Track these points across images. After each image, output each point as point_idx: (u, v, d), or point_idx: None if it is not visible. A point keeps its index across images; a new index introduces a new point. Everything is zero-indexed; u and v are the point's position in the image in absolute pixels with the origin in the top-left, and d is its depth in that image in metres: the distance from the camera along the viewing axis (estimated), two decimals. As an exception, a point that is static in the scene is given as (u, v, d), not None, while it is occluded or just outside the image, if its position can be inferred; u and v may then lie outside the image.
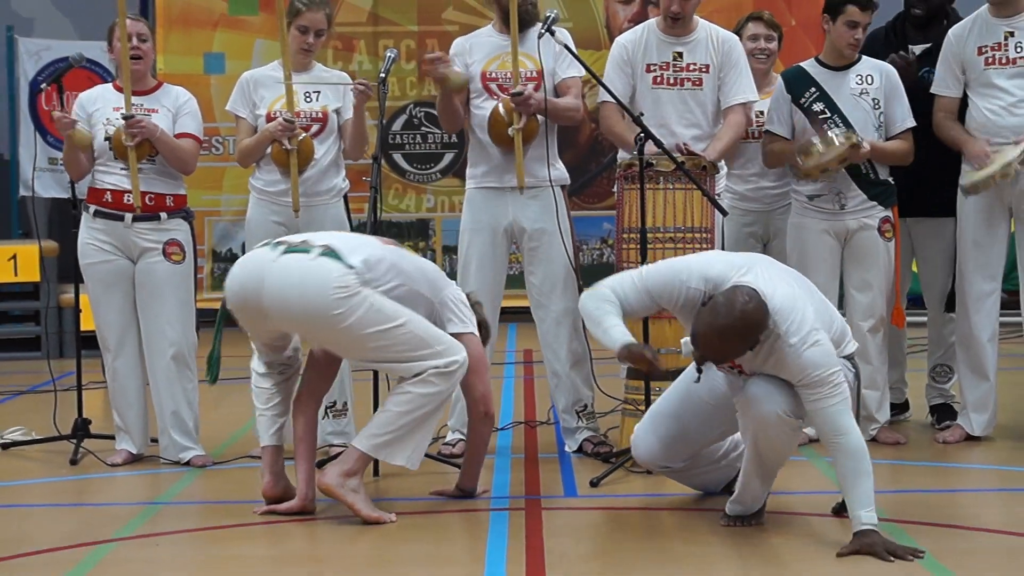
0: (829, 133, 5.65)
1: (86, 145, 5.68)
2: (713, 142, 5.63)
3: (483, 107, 5.76)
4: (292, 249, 4.63)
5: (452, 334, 4.71)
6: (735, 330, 4.00)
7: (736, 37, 5.87)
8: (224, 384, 7.32)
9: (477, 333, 4.88)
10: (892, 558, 3.94)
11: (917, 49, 6.20)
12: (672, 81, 5.70)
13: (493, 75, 5.78)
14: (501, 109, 5.66)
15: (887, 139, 5.84)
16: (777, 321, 4.05)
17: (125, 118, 5.59)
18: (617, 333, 4.30)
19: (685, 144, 5.49)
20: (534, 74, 5.69)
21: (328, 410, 5.80)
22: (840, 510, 4.35)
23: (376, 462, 5.24)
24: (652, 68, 5.70)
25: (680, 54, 5.70)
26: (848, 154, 5.61)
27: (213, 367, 4.96)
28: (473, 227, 5.83)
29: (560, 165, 5.84)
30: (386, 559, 4.33)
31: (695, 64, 5.70)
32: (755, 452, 4.33)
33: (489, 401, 4.95)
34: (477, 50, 5.86)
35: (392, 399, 4.63)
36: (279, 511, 4.73)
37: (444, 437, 5.81)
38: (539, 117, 5.65)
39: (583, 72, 5.76)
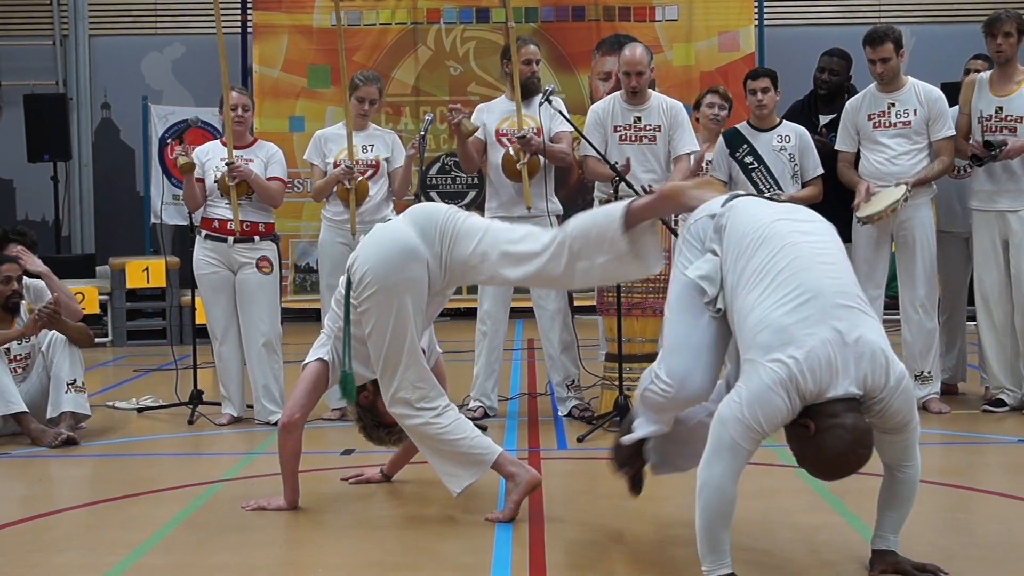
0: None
1: (190, 170, 5.68)
2: (666, 182, 5.61)
3: (497, 154, 5.79)
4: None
5: None
6: (863, 463, 2.97)
7: (680, 104, 5.87)
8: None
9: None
10: (920, 575, 3.17)
11: (825, 119, 6.23)
12: (633, 138, 5.70)
13: (504, 131, 5.81)
14: (511, 151, 5.70)
15: (802, 184, 5.87)
16: (868, 398, 2.97)
17: (227, 164, 5.65)
18: (721, 563, 3.00)
19: (648, 186, 5.51)
20: (534, 129, 5.71)
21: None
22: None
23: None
24: (618, 129, 5.71)
25: (639, 118, 5.71)
26: None
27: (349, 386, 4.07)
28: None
29: (555, 199, 5.85)
30: (424, 483, 4.35)
31: (650, 125, 5.70)
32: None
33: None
34: (493, 113, 5.90)
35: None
36: (268, 508, 4.14)
37: (467, 405, 5.80)
38: (539, 157, 5.68)
39: (571, 127, 5.79)
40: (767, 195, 5.67)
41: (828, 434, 2.88)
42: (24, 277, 5.65)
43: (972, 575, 3.25)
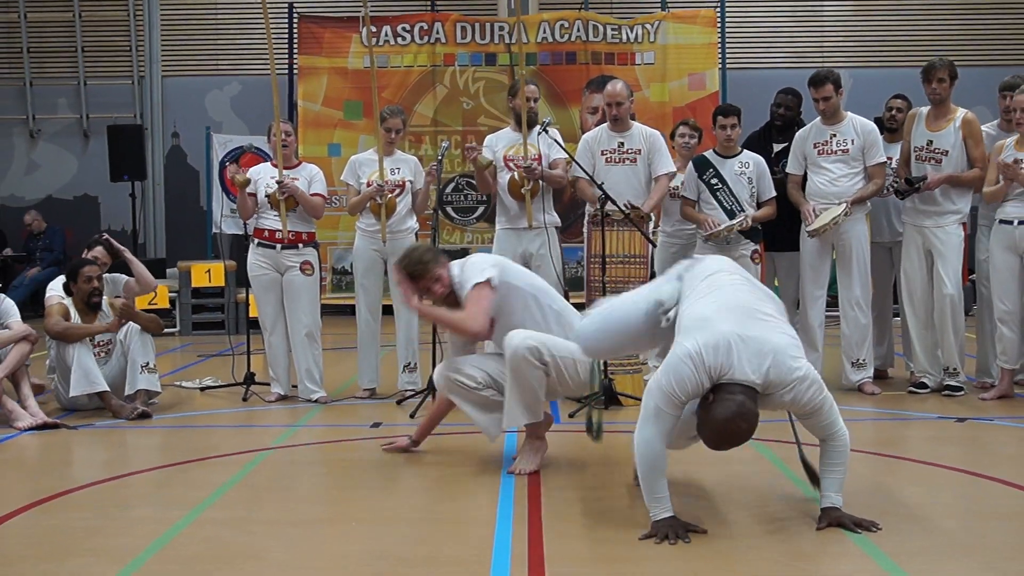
0: (732, 221, 5.70)
1: (245, 185, 5.70)
2: (647, 200, 5.61)
3: (505, 177, 5.75)
4: None
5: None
6: (742, 437, 3.07)
7: (659, 132, 5.85)
8: (340, 351, 7.37)
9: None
10: (858, 528, 3.18)
11: (779, 147, 6.23)
12: (617, 160, 5.68)
13: (510, 157, 5.79)
14: (516, 177, 5.68)
15: (758, 204, 5.87)
16: (773, 389, 3.07)
17: (277, 183, 5.65)
18: (662, 507, 3.18)
19: (629, 202, 5.50)
20: (535, 156, 5.70)
21: (405, 367, 5.83)
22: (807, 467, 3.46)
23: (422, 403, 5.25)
24: (605, 153, 5.69)
25: (622, 143, 5.68)
26: (739, 227, 5.67)
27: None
28: (500, 254, 5.79)
29: (554, 213, 5.81)
30: (442, 451, 4.34)
31: (632, 149, 5.68)
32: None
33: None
34: (500, 141, 5.87)
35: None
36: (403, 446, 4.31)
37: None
38: (540, 182, 5.67)
39: (566, 154, 5.79)
40: (738, 219, 5.69)
41: (719, 404, 3.02)
42: (104, 275, 5.70)
43: (899, 527, 3.25)
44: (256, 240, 5.78)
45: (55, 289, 5.62)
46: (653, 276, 5.86)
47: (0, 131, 12.10)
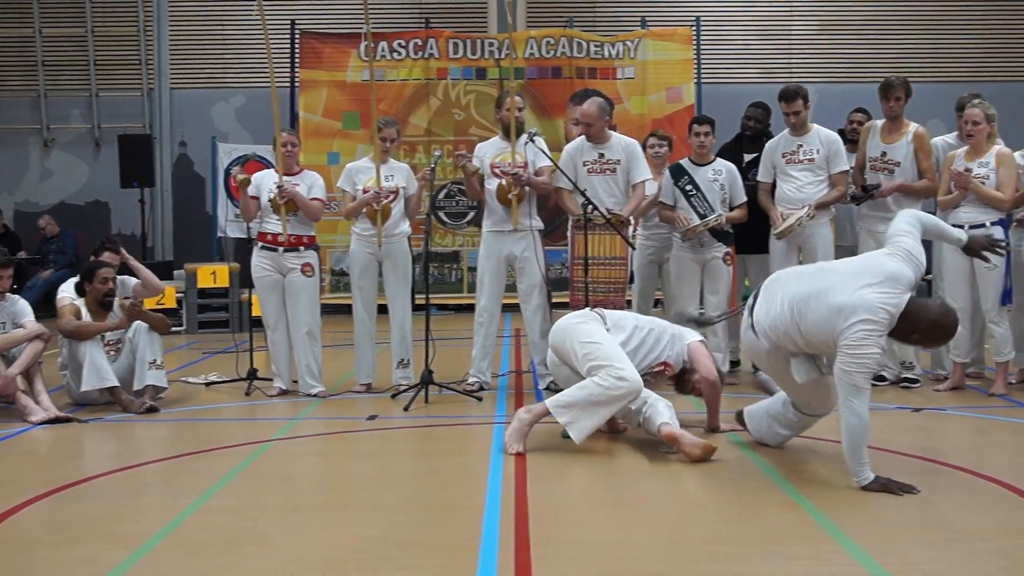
0: (707, 217, 5.70)
1: (245, 184, 5.69)
2: (626, 206, 5.60)
3: (492, 183, 5.74)
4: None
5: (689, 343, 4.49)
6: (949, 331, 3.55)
7: (636, 142, 5.83)
8: (338, 348, 7.35)
9: (702, 339, 4.58)
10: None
11: (749, 156, 6.24)
12: (598, 170, 5.64)
13: (497, 164, 5.78)
14: (504, 183, 5.67)
15: (731, 208, 5.87)
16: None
17: (278, 187, 5.62)
18: (868, 470, 3.52)
19: (609, 209, 5.49)
20: (521, 164, 5.69)
21: (399, 363, 5.81)
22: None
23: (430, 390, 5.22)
24: (586, 163, 5.65)
25: (602, 154, 5.64)
26: (713, 226, 5.68)
27: None
28: (486, 255, 5.81)
29: (537, 218, 5.81)
30: (435, 443, 4.34)
31: (611, 160, 5.65)
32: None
33: (711, 374, 4.45)
34: (489, 150, 5.86)
35: (582, 383, 4.17)
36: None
37: (467, 380, 5.79)
38: (526, 188, 5.67)
39: (550, 162, 5.78)
40: (711, 216, 5.71)
41: (925, 308, 3.50)
42: (117, 276, 5.66)
43: (860, 510, 3.27)
44: (260, 243, 5.75)
45: (66, 290, 5.58)
46: (632, 277, 5.88)
47: (16, 140, 12.02)
